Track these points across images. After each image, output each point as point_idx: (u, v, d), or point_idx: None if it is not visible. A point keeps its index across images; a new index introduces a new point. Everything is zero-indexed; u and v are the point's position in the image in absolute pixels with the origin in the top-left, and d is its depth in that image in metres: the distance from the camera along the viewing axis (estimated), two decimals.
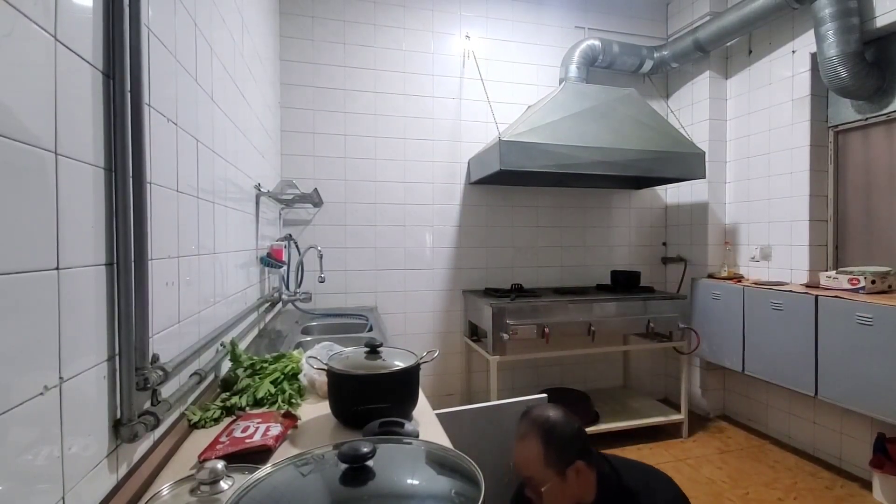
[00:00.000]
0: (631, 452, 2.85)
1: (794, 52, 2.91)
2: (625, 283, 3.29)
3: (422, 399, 1.22)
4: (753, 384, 3.13)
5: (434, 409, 1.23)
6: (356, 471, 0.55)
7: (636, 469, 1.21)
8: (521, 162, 2.60)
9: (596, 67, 3.37)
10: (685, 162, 2.92)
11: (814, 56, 2.76)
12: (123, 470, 0.78)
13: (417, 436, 0.75)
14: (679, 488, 1.16)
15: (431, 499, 0.55)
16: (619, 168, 2.76)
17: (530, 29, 3.42)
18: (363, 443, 0.57)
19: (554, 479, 1.11)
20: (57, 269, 0.61)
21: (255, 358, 1.42)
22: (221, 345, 1.39)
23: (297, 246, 2.71)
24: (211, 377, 1.28)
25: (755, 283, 2.88)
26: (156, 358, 0.88)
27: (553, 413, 1.19)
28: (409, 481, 0.60)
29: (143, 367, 0.80)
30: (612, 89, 3.09)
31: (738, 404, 3.31)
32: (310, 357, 1.28)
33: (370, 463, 0.55)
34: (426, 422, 1.13)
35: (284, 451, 0.96)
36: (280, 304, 2.63)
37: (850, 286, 2.41)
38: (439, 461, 0.62)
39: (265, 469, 0.57)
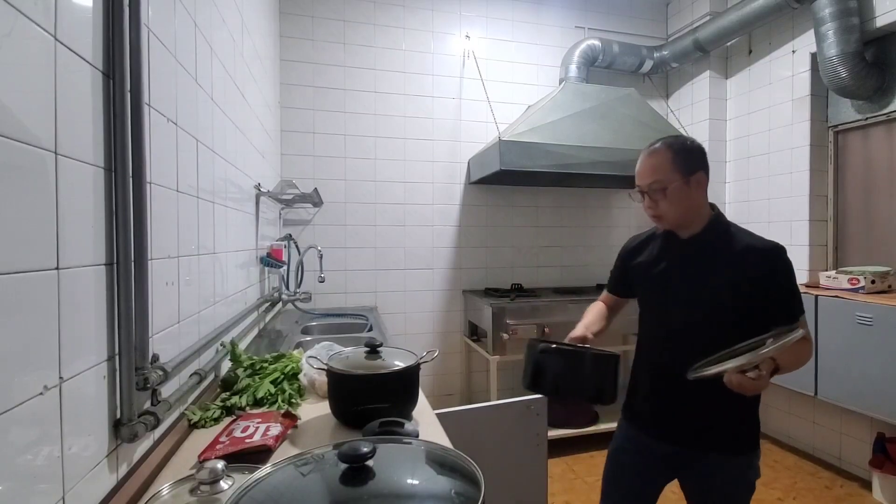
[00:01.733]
0: None
1: (794, 51, 2.91)
2: None
3: (422, 399, 1.22)
4: None
5: (434, 409, 1.23)
6: (356, 471, 0.55)
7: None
8: (521, 162, 2.60)
9: (596, 67, 3.36)
10: None
11: (814, 56, 2.76)
12: (123, 470, 0.78)
13: (417, 436, 0.75)
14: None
15: (431, 499, 0.55)
16: (619, 168, 2.76)
17: (530, 29, 3.42)
18: (363, 443, 0.57)
19: (679, 181, 1.19)
20: (57, 268, 0.61)
21: (255, 358, 1.42)
22: (221, 345, 1.39)
23: (297, 246, 2.71)
24: (211, 377, 1.28)
25: None
26: (156, 358, 0.88)
27: (681, 136, 1.32)
28: (409, 481, 0.60)
29: (143, 367, 0.80)
30: (612, 89, 3.09)
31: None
32: (310, 357, 1.28)
33: (370, 463, 0.55)
34: (426, 422, 1.13)
35: (284, 451, 0.96)
36: (280, 304, 2.63)
37: (849, 286, 2.41)
38: (439, 461, 0.62)
39: (265, 469, 0.57)
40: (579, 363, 1.16)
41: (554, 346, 1.17)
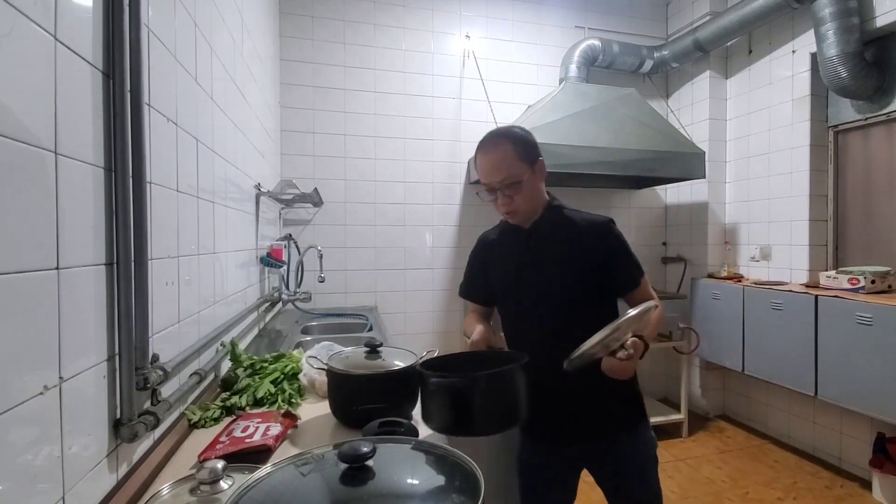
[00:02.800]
0: None
1: (794, 51, 2.91)
2: None
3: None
4: (753, 384, 3.13)
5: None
6: (356, 471, 0.55)
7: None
8: None
9: (596, 67, 3.36)
10: (685, 162, 2.92)
11: (814, 56, 2.76)
12: (123, 470, 0.78)
13: (417, 435, 0.75)
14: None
15: (431, 499, 0.55)
16: (619, 168, 2.76)
17: (530, 29, 3.42)
18: (363, 442, 0.57)
19: (528, 172, 1.18)
20: (57, 268, 0.61)
21: (255, 358, 1.42)
22: (221, 344, 1.39)
23: (296, 246, 2.71)
24: (211, 377, 1.28)
25: (755, 283, 2.88)
26: (156, 358, 0.88)
27: (510, 126, 1.29)
28: (409, 481, 0.60)
29: (143, 367, 0.80)
30: (612, 89, 3.09)
31: (738, 404, 3.31)
32: (310, 357, 1.28)
33: (370, 463, 0.55)
34: None
35: (284, 451, 0.96)
36: (280, 304, 2.62)
37: (849, 286, 2.41)
38: (439, 461, 0.62)
39: (265, 469, 0.57)
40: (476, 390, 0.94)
41: (440, 378, 0.97)
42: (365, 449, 0.55)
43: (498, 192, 1.19)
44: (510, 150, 1.17)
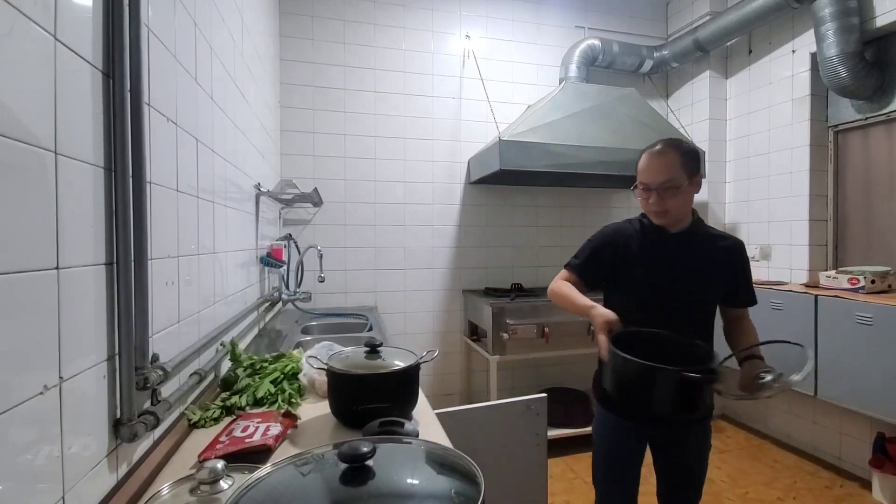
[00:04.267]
0: None
1: (794, 51, 2.91)
2: None
3: (422, 399, 1.22)
4: None
5: (434, 408, 1.23)
6: (356, 470, 0.55)
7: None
8: (521, 161, 2.60)
9: (596, 67, 3.36)
10: None
11: (814, 56, 2.76)
12: (123, 469, 0.78)
13: (417, 435, 0.75)
14: None
15: (431, 498, 0.55)
16: (619, 168, 2.76)
17: (530, 29, 3.42)
18: (363, 442, 0.57)
19: (687, 181, 1.33)
20: (57, 268, 0.61)
21: (255, 358, 1.42)
22: (221, 344, 1.39)
23: (296, 246, 2.71)
24: (211, 377, 1.28)
25: (755, 283, 2.86)
26: (156, 357, 0.88)
27: (681, 139, 1.46)
28: (409, 481, 0.60)
29: (143, 367, 0.80)
30: (612, 89, 3.09)
31: (738, 404, 3.30)
32: (310, 357, 1.28)
33: (370, 462, 0.55)
34: (426, 422, 1.13)
35: (284, 451, 0.96)
36: (280, 304, 2.62)
37: (849, 286, 2.41)
38: (439, 461, 0.62)
39: (265, 469, 0.57)
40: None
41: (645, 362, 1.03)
42: (365, 449, 0.55)
43: (654, 192, 1.32)
44: (677, 158, 1.32)
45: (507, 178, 2.96)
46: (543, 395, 1.58)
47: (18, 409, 0.53)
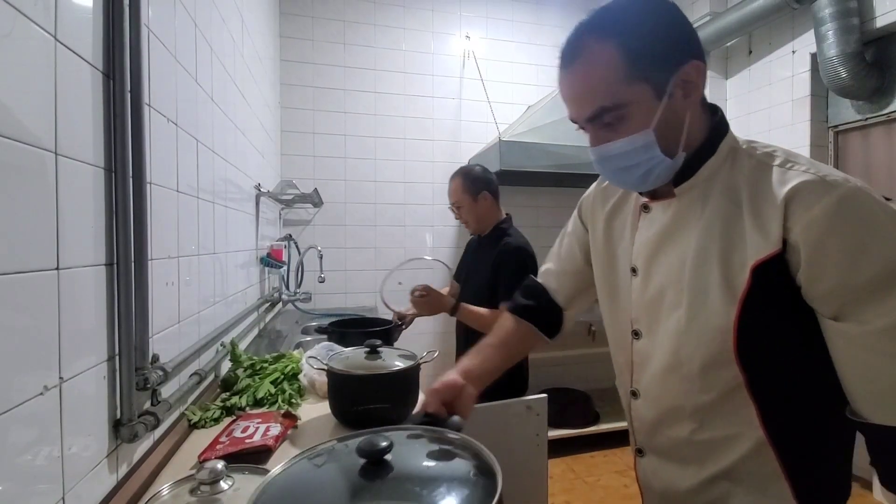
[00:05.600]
0: (630, 453, 2.85)
1: (794, 52, 2.91)
2: None
3: (422, 399, 1.22)
4: None
5: None
6: (374, 465, 0.55)
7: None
8: (521, 162, 2.60)
9: None
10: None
11: (814, 56, 2.76)
12: (123, 470, 0.78)
13: (460, 429, 0.76)
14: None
15: (450, 491, 0.55)
16: None
17: (530, 29, 3.42)
18: (381, 437, 0.57)
19: (471, 200, 1.78)
20: (57, 269, 0.61)
21: (255, 358, 1.41)
22: (221, 345, 1.39)
23: (297, 246, 2.71)
24: (211, 377, 1.28)
25: None
26: (156, 358, 0.88)
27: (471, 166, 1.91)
28: (427, 472, 0.60)
29: (143, 367, 0.80)
30: None
31: None
32: (310, 357, 1.28)
33: (388, 457, 0.55)
34: None
35: (284, 451, 0.96)
36: (280, 304, 2.62)
37: None
38: (457, 450, 0.64)
39: (283, 465, 0.57)
40: None
41: None
42: (383, 444, 0.55)
43: (452, 208, 1.95)
44: (460, 184, 1.86)
45: (507, 178, 2.96)
46: (544, 395, 1.57)
47: (18, 410, 0.53)
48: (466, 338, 1.83)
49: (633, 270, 0.77)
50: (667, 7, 0.65)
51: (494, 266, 1.68)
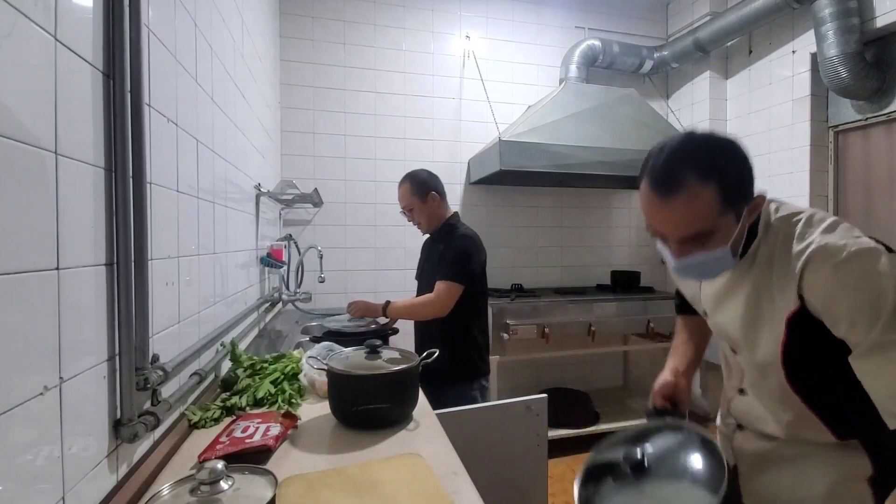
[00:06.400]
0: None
1: (794, 52, 2.91)
2: (625, 284, 3.29)
3: (422, 399, 1.22)
4: None
5: (434, 409, 1.23)
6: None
7: None
8: (521, 162, 2.60)
9: (596, 67, 3.36)
10: None
11: (814, 56, 2.76)
12: (123, 470, 0.78)
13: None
14: None
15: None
16: (619, 168, 2.76)
17: (530, 29, 3.42)
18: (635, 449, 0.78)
19: (420, 202, 1.92)
20: (57, 269, 0.61)
21: (255, 358, 1.42)
22: (221, 345, 1.39)
23: (297, 246, 2.71)
24: (211, 377, 1.28)
25: None
26: (156, 358, 0.88)
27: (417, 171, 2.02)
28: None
29: (144, 367, 0.80)
30: (613, 89, 3.09)
31: None
32: (310, 357, 1.28)
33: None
34: (426, 422, 1.13)
35: (284, 451, 0.96)
36: (280, 304, 2.62)
37: None
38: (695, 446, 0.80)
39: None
40: None
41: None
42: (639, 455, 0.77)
43: (404, 212, 2.00)
44: (408, 188, 1.93)
45: (507, 178, 2.97)
46: (544, 395, 1.57)
47: (19, 410, 0.53)
48: (421, 330, 2.04)
49: (704, 312, 1.01)
50: (745, 150, 0.79)
51: (441, 254, 1.83)
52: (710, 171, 0.74)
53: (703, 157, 0.76)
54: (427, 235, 2.07)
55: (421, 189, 1.89)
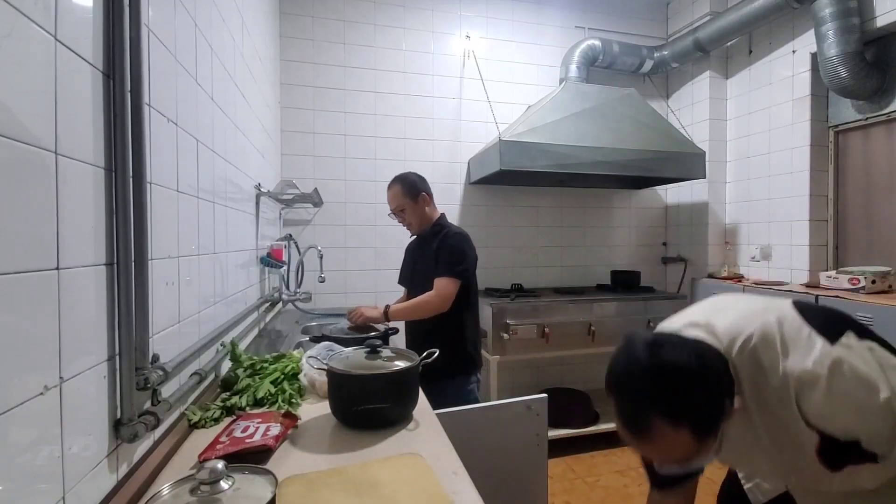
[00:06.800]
0: (631, 452, 2.85)
1: (794, 51, 2.91)
2: (625, 283, 3.29)
3: (422, 399, 1.22)
4: None
5: (434, 409, 1.23)
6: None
7: None
8: (521, 162, 2.60)
9: (596, 67, 3.36)
10: (685, 162, 2.92)
11: (814, 56, 2.76)
12: (123, 470, 0.78)
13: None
14: None
15: None
16: (619, 168, 2.76)
17: (530, 29, 3.42)
18: None
19: (412, 203, 1.97)
20: (57, 269, 0.61)
21: (255, 358, 1.42)
22: (221, 345, 1.39)
23: (297, 246, 2.71)
24: (211, 377, 1.29)
25: (755, 283, 2.88)
26: (156, 358, 0.88)
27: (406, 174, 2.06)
28: None
29: (144, 367, 0.80)
30: (613, 89, 3.09)
31: None
32: (310, 357, 1.28)
33: None
34: (426, 422, 1.13)
35: (285, 451, 0.96)
36: (280, 304, 2.62)
37: (850, 286, 2.41)
38: None
39: None
40: None
41: None
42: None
43: (393, 214, 2.06)
44: (399, 189, 1.96)
45: (507, 178, 2.97)
46: (544, 395, 1.57)
47: (19, 410, 0.53)
48: (413, 328, 2.08)
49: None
50: (715, 376, 0.79)
51: (436, 253, 1.86)
52: (680, 414, 0.75)
53: (670, 399, 0.76)
54: (413, 237, 2.12)
55: (412, 190, 1.93)
